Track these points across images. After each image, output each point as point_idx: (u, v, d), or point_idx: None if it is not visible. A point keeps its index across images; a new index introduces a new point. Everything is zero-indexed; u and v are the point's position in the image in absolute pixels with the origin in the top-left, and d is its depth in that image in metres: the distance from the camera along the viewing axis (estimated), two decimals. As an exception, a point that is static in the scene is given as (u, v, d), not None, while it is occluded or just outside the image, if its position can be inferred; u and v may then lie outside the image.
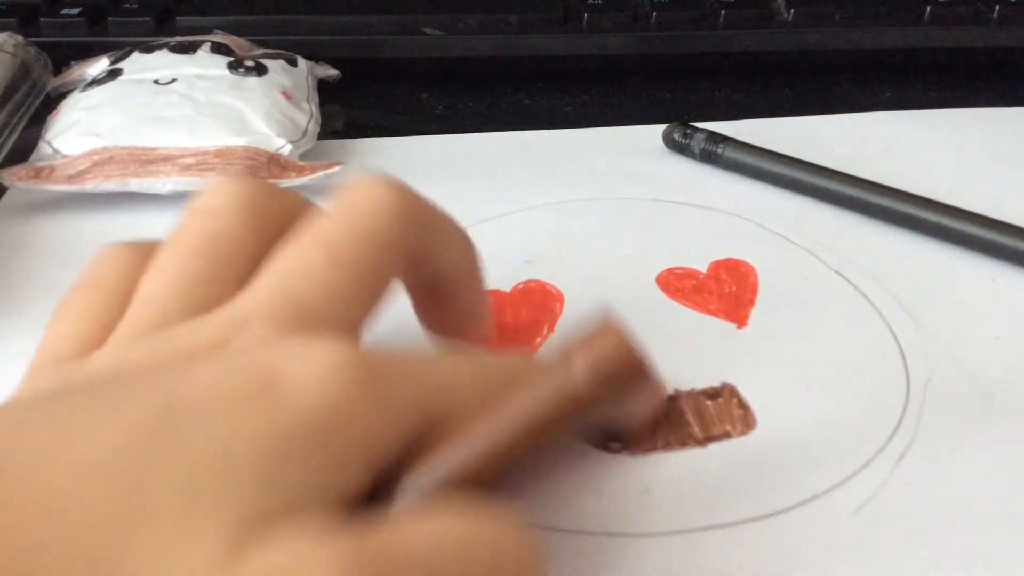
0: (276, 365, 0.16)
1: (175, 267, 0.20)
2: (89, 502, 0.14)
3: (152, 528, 0.14)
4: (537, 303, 0.29)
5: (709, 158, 0.37)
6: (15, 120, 0.37)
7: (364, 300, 0.20)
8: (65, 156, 0.34)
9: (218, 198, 0.21)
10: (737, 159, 0.36)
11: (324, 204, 0.21)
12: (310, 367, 0.16)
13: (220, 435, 0.15)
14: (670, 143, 0.38)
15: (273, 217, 0.21)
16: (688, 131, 0.37)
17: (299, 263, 0.19)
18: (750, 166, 0.36)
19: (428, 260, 0.22)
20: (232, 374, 0.16)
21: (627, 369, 0.18)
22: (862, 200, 0.33)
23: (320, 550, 0.14)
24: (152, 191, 0.33)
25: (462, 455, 0.18)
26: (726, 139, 0.37)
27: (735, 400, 0.26)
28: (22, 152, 0.36)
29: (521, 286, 0.30)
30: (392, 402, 0.17)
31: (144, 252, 0.21)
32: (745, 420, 0.25)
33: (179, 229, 0.21)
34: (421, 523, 0.16)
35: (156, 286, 0.19)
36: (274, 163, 0.34)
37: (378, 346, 0.18)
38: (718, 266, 0.31)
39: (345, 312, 0.19)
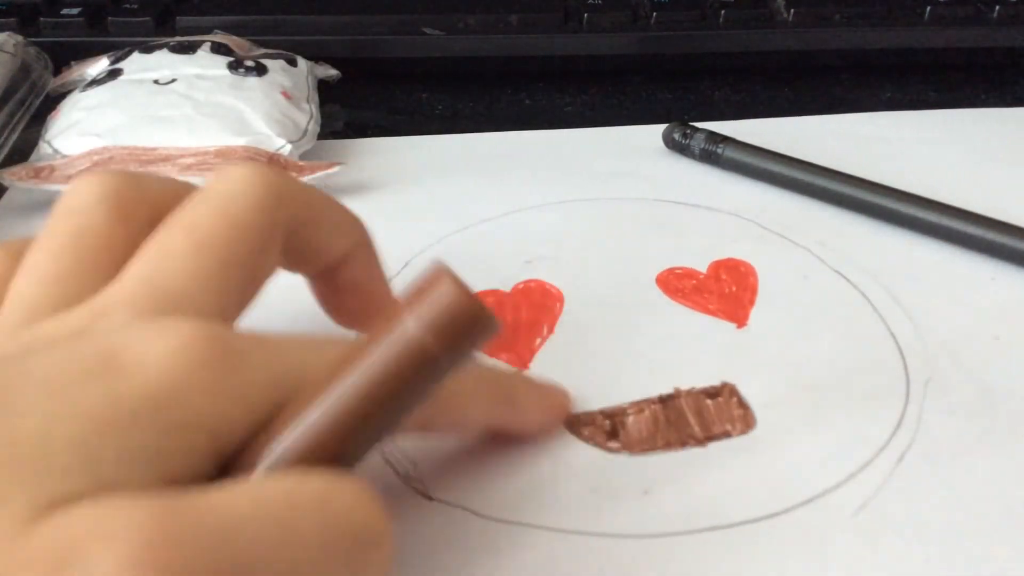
0: (121, 344, 0.16)
1: (42, 265, 0.20)
2: None
3: None
4: (537, 303, 0.29)
5: (709, 158, 0.37)
6: (15, 120, 0.37)
7: (232, 285, 0.19)
8: (65, 156, 0.34)
9: (82, 195, 0.20)
10: (737, 159, 0.36)
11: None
12: (155, 344, 0.16)
13: (45, 414, 0.15)
14: (670, 143, 0.38)
15: (143, 206, 0.21)
16: (688, 131, 0.37)
17: (164, 250, 0.19)
18: (750, 166, 0.36)
19: (309, 244, 0.22)
20: (76, 355, 0.16)
21: (464, 314, 0.17)
22: (862, 200, 0.33)
23: (119, 512, 0.14)
24: (152, 191, 0.33)
25: (307, 429, 0.17)
26: (726, 139, 0.37)
27: (735, 399, 0.26)
28: (22, 152, 0.36)
29: (521, 286, 0.30)
30: (243, 383, 0.17)
31: (12, 252, 0.21)
32: (745, 420, 0.25)
33: (46, 229, 0.20)
34: (244, 489, 0.15)
35: (24, 285, 0.19)
36: (274, 163, 0.34)
37: (245, 330, 0.18)
38: (718, 266, 0.31)
39: (211, 297, 0.19)
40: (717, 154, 0.37)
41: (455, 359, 0.17)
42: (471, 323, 0.17)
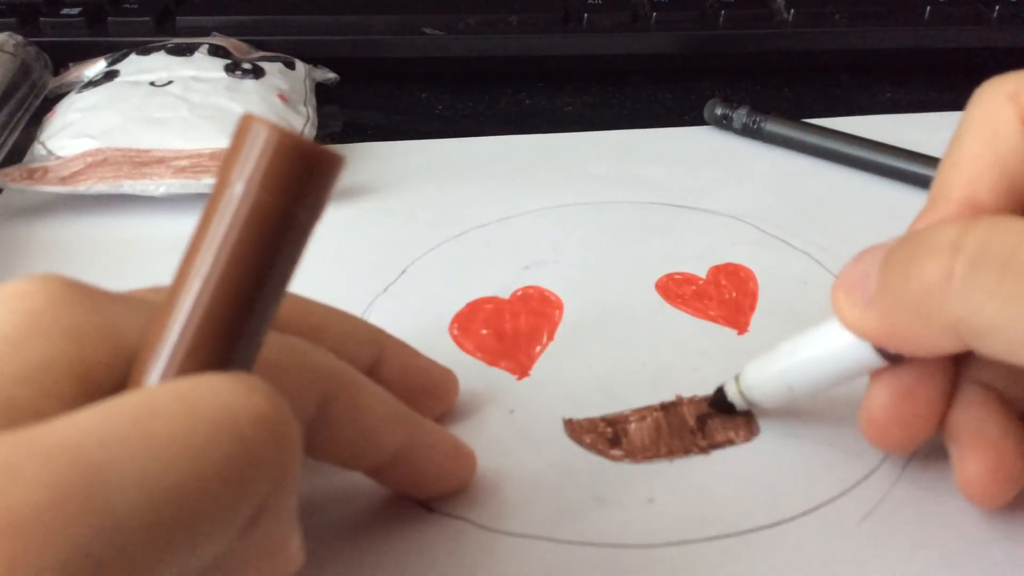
0: None
1: None
2: None
3: None
4: (536, 310, 0.29)
5: (750, 132, 0.39)
6: (15, 120, 0.37)
7: None
8: (59, 157, 0.34)
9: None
10: (778, 132, 0.38)
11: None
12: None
13: None
14: (712, 119, 0.40)
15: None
16: (730, 106, 0.39)
17: None
18: (790, 139, 0.38)
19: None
20: None
21: (292, 153, 0.14)
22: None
23: None
24: (145, 193, 0.33)
25: (178, 337, 0.15)
26: (767, 113, 0.38)
27: (737, 406, 0.25)
28: (22, 152, 0.36)
29: (520, 292, 0.30)
30: (93, 313, 0.16)
31: None
32: (748, 427, 0.25)
33: None
34: (98, 408, 0.14)
35: None
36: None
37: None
38: (718, 271, 0.31)
39: None
40: (758, 129, 0.39)
41: (306, 205, 0.15)
42: (305, 160, 0.15)
